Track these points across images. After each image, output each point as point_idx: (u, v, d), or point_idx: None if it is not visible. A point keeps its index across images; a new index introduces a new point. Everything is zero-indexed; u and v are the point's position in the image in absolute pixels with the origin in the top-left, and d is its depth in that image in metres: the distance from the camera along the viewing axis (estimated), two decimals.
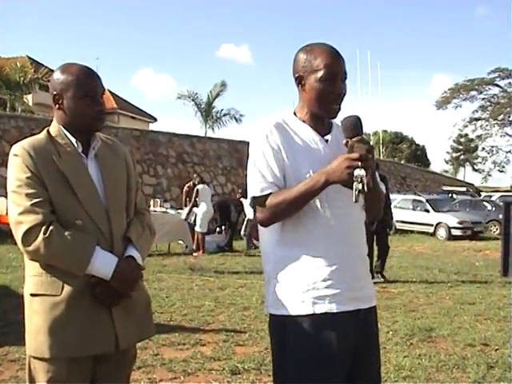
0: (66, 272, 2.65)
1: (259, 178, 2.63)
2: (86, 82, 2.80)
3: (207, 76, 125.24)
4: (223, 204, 18.74)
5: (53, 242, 2.58)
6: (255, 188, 2.64)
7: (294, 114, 2.80)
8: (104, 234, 2.76)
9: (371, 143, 2.60)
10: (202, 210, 16.51)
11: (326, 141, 2.75)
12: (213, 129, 42.73)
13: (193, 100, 42.33)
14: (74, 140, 2.80)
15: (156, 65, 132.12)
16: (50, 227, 2.60)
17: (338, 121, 2.79)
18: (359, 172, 2.41)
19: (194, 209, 16.53)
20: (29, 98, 39.53)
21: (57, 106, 2.81)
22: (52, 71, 2.91)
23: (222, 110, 43.23)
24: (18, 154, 2.68)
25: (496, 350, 6.61)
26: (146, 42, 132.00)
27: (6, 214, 15.61)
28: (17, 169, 2.67)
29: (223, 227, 18.54)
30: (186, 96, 42.64)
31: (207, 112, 42.32)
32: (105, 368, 2.81)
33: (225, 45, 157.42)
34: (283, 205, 2.57)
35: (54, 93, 2.80)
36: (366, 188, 2.40)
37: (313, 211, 2.63)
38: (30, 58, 41.19)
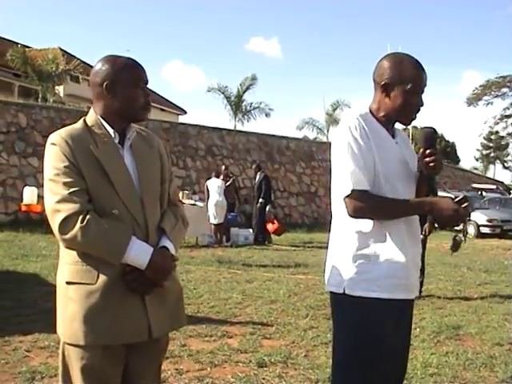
0: (102, 261, 2.68)
1: (357, 170, 2.79)
2: (137, 72, 2.87)
3: (236, 69, 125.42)
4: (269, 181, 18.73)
5: (90, 231, 2.60)
6: (355, 181, 2.79)
7: (370, 111, 2.97)
8: (139, 224, 2.78)
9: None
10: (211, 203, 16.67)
11: (396, 143, 2.98)
12: (242, 122, 42.69)
13: (222, 93, 42.26)
14: (111, 130, 2.82)
15: (185, 57, 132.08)
16: (88, 216, 2.62)
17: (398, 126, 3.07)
18: (464, 226, 2.75)
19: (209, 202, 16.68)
20: (60, 89, 39.82)
21: (108, 94, 2.81)
22: (83, 63, 2.97)
23: (251, 103, 43.14)
24: (56, 143, 2.70)
25: None
26: (175, 34, 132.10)
27: (37, 203, 15.79)
28: (54, 157, 2.68)
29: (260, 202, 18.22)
30: (215, 89, 42.58)
31: (237, 105, 42.19)
32: (137, 357, 2.85)
33: (254, 38, 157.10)
34: (382, 209, 2.81)
35: (106, 82, 2.79)
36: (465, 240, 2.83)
37: None
38: (61, 50, 41.39)
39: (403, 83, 2.84)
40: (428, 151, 2.89)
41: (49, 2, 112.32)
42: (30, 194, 16.27)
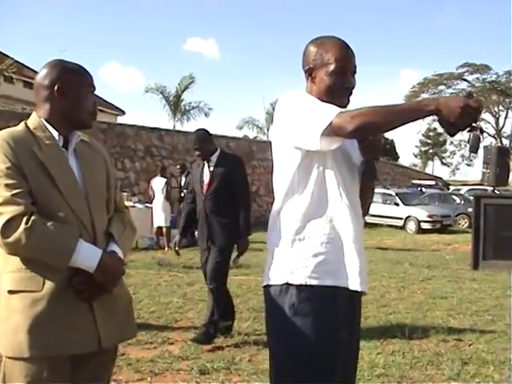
0: (47, 266, 2.57)
1: (326, 109, 2.55)
2: (87, 77, 2.87)
3: (175, 70, 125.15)
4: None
5: (35, 232, 2.50)
6: (329, 114, 2.52)
7: None
8: (86, 228, 2.71)
9: None
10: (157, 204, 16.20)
11: None
12: (181, 122, 42.61)
13: (161, 93, 42.13)
14: (56, 133, 2.75)
15: (123, 58, 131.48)
16: (32, 217, 2.52)
17: None
18: (478, 123, 2.43)
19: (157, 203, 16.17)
20: None
21: (58, 97, 2.76)
22: (17, 63, 2.86)
23: (190, 103, 43.11)
24: None
25: (470, 345, 6.55)
26: (112, 35, 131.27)
27: None
28: None
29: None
30: (153, 89, 42.45)
31: (175, 105, 42.13)
32: (85, 369, 2.73)
33: (191, 38, 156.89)
34: (385, 112, 2.49)
35: (57, 84, 2.75)
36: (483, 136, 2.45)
37: (337, 195, 2.70)
38: None
39: (326, 65, 2.73)
40: None
41: None
42: None
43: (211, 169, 6.76)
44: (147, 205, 16.97)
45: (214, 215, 6.63)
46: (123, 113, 53.29)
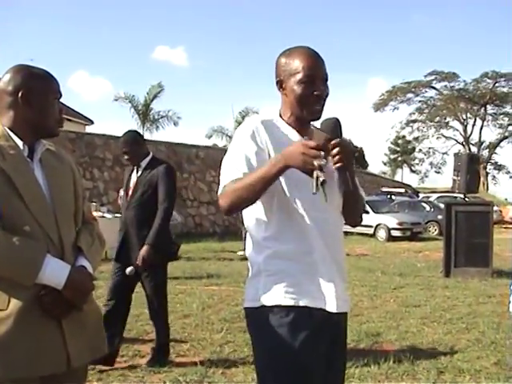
0: (13, 284, 2.45)
1: (233, 168, 2.61)
2: (53, 83, 2.78)
3: (143, 79, 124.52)
4: None
5: None
6: (227, 178, 2.61)
7: (280, 116, 2.82)
8: (53, 242, 2.58)
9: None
10: None
11: None
12: (150, 131, 42.34)
13: (130, 102, 41.87)
14: (20, 143, 2.63)
15: (91, 67, 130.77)
16: None
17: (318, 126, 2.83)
18: (319, 162, 2.34)
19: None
20: None
21: (22, 104, 2.65)
22: None
23: (159, 112, 42.93)
24: None
25: (445, 354, 6.48)
26: (80, 44, 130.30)
27: None
28: None
29: None
30: (122, 98, 42.18)
31: (144, 114, 41.92)
32: None
33: (160, 47, 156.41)
34: (241, 190, 2.53)
35: (21, 91, 2.64)
36: (323, 180, 2.33)
37: (300, 216, 2.64)
38: None
39: (294, 74, 2.69)
40: (332, 143, 2.57)
41: None
42: None
43: (138, 174, 6.10)
44: (116, 215, 16.75)
45: (133, 227, 5.94)
46: (92, 122, 52.88)
